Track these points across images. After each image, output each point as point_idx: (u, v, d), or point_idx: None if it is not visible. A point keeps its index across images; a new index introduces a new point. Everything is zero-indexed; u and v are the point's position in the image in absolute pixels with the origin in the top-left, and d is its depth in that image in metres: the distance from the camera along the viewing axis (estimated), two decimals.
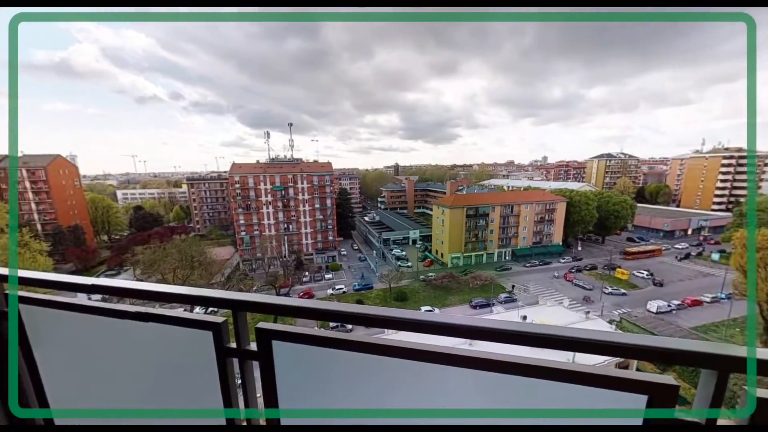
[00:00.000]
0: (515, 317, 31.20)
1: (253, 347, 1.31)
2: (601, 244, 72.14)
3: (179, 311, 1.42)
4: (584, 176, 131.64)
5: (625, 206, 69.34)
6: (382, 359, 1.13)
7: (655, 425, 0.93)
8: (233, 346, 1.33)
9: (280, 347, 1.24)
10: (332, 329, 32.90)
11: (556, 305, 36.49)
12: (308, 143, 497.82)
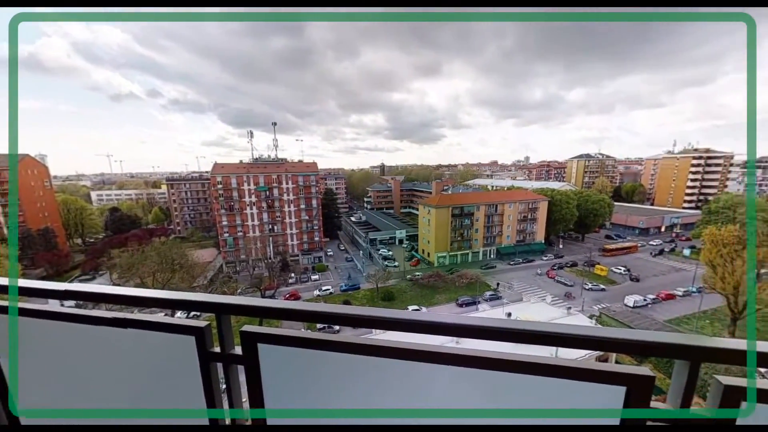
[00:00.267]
0: (500, 314, 31.80)
1: (238, 351, 1.28)
2: (581, 241, 74.46)
3: (159, 316, 1.38)
4: (565, 176, 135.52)
5: (603, 205, 71.84)
6: (370, 359, 1.12)
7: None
8: (217, 350, 1.30)
9: (265, 350, 1.22)
10: (319, 330, 32.63)
11: (539, 302, 37.41)
12: (293, 143, 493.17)
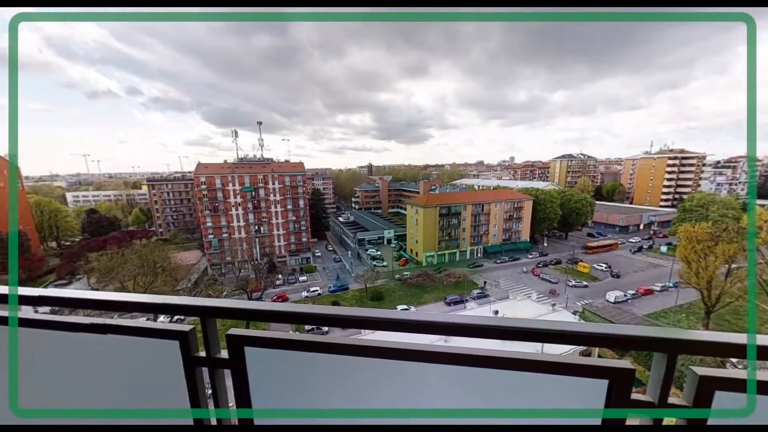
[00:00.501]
0: (488, 312, 32.29)
1: (224, 355, 1.25)
2: (564, 239, 76.36)
3: (141, 321, 1.33)
4: (548, 176, 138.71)
5: (585, 204, 73.92)
6: (359, 360, 1.12)
7: (615, 406, 1.00)
8: (202, 355, 1.27)
9: (253, 353, 1.20)
10: (308, 332, 32.32)
11: (525, 299, 38.18)
12: (279, 142, 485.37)
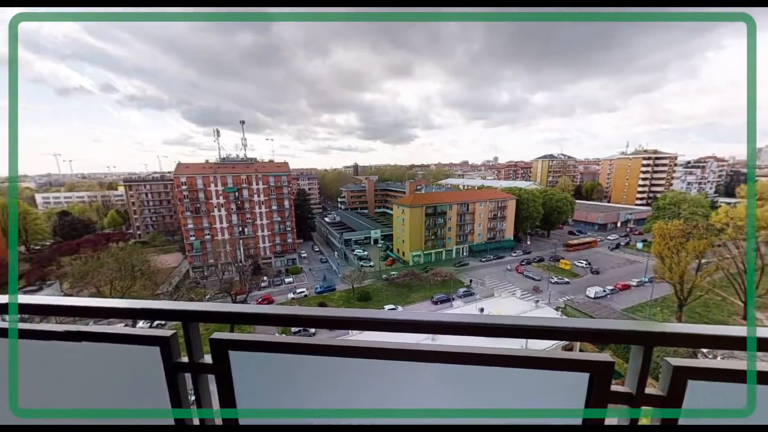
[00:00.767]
0: (474, 310, 32.75)
1: (207, 360, 1.23)
2: (546, 237, 78.36)
3: (119, 327, 1.29)
4: (531, 175, 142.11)
5: (566, 203, 76.13)
6: (347, 361, 1.12)
7: (596, 398, 1.04)
8: (185, 360, 1.23)
9: (238, 357, 1.17)
10: (294, 334, 31.89)
11: (509, 296, 38.95)
12: (263, 142, 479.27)
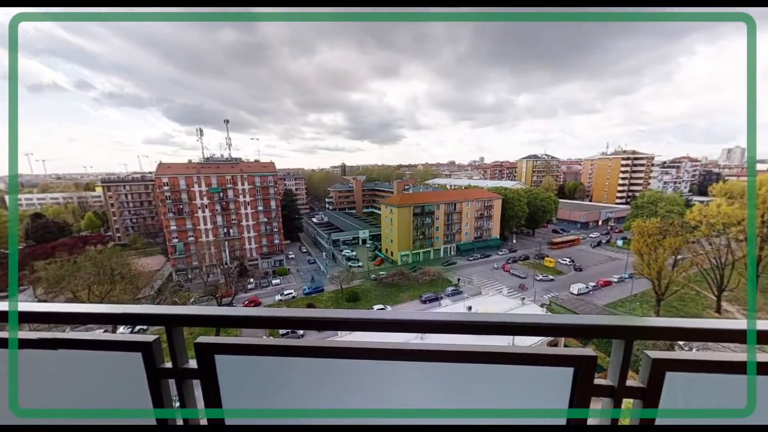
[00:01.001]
0: (462, 308, 33.14)
1: (192, 365, 1.20)
2: (532, 236, 79.95)
3: (98, 333, 1.24)
4: (516, 175, 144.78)
5: (550, 202, 77.92)
6: (336, 362, 1.12)
7: (580, 392, 1.07)
8: (168, 366, 1.20)
9: (224, 361, 1.15)
10: (282, 337, 31.47)
11: (496, 294, 39.62)
12: (248, 142, 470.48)
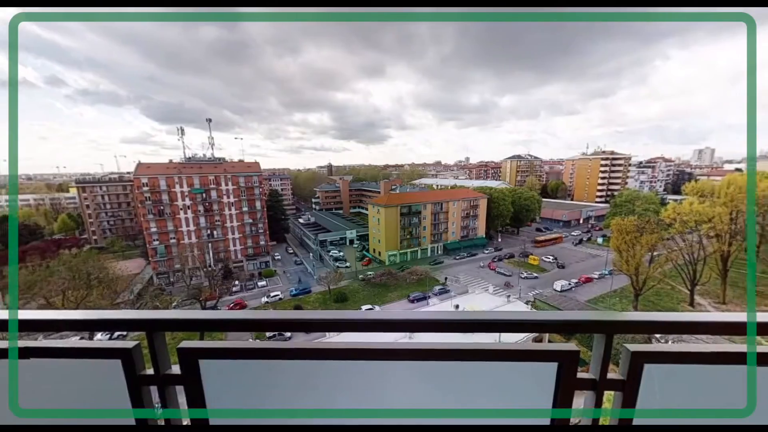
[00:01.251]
0: (449, 307, 33.45)
1: (176, 371, 1.17)
2: (516, 235, 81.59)
3: (74, 341, 1.21)
4: (500, 175, 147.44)
5: (533, 201, 79.71)
6: (325, 363, 1.12)
7: (564, 385, 1.09)
8: (150, 373, 1.17)
9: (208, 366, 1.13)
10: (269, 339, 30.95)
11: (483, 292, 40.18)
12: (231, 141, 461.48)
